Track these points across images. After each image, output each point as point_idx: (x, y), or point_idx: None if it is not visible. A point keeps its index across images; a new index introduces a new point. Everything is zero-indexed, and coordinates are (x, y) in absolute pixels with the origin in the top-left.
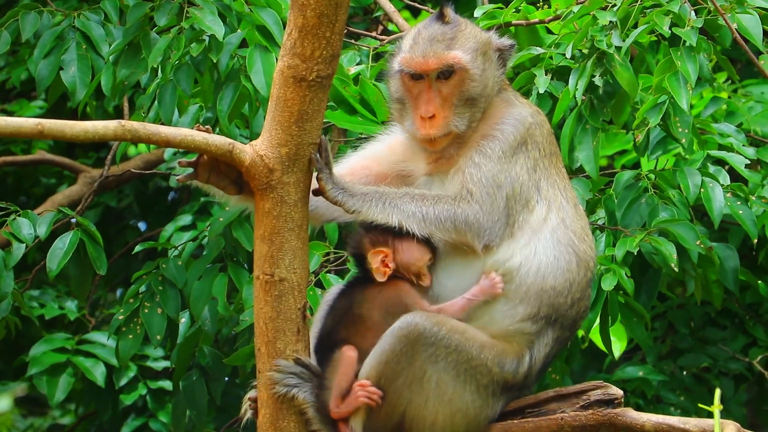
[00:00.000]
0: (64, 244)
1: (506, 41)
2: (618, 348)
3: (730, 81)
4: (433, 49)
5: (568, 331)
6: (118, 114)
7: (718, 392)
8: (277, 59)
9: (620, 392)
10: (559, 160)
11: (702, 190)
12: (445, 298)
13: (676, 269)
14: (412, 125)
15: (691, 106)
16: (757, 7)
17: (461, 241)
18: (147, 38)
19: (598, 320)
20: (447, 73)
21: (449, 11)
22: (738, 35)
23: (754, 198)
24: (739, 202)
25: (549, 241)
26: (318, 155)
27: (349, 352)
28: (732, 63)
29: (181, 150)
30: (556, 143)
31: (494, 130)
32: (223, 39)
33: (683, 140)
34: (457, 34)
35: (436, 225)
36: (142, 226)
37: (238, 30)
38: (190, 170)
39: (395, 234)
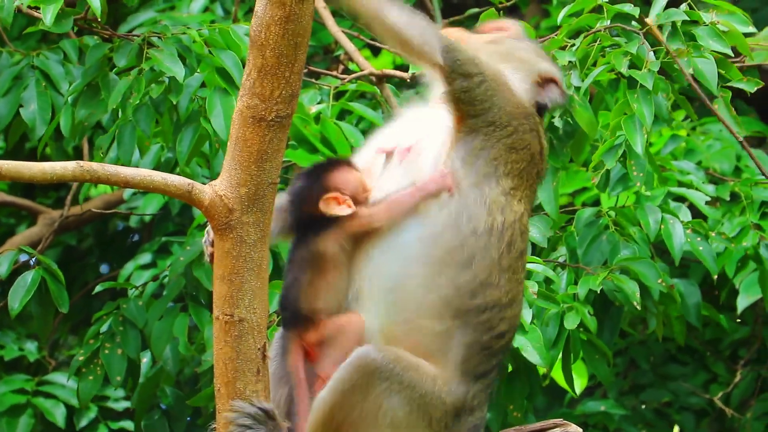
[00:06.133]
0: (25, 282)
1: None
2: (579, 385)
3: (689, 119)
4: None
5: (486, 335)
6: (77, 155)
7: (676, 429)
8: (236, 101)
9: (579, 430)
10: None
11: (662, 226)
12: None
13: (638, 307)
14: None
15: (650, 144)
16: (713, 51)
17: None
18: (106, 79)
19: (560, 357)
20: None
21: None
22: (692, 80)
23: (713, 234)
24: (699, 239)
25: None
26: None
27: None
28: (690, 101)
29: (140, 190)
30: None
31: None
32: (183, 81)
33: (638, 183)
34: None
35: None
36: (104, 268)
37: (198, 72)
38: None
39: (326, 173)
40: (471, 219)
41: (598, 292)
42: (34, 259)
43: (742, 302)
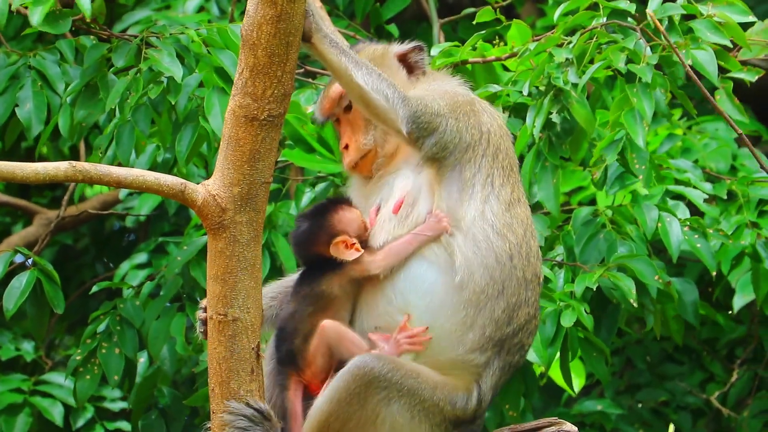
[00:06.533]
0: (20, 283)
1: (405, 45)
2: (577, 384)
3: (685, 118)
4: (328, 91)
5: (516, 355)
6: (74, 155)
7: (672, 428)
8: None
9: (574, 429)
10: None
11: (659, 224)
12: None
13: (635, 304)
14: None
15: (647, 143)
16: (712, 43)
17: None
18: (104, 79)
19: (557, 356)
20: (347, 107)
21: (357, 46)
22: (691, 72)
23: (711, 232)
24: (696, 236)
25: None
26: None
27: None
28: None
29: (135, 191)
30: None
31: None
32: (182, 81)
33: (640, 176)
34: None
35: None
36: (100, 268)
37: (196, 71)
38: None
39: (331, 214)
40: (490, 252)
41: (594, 289)
42: (30, 259)
43: (739, 301)
